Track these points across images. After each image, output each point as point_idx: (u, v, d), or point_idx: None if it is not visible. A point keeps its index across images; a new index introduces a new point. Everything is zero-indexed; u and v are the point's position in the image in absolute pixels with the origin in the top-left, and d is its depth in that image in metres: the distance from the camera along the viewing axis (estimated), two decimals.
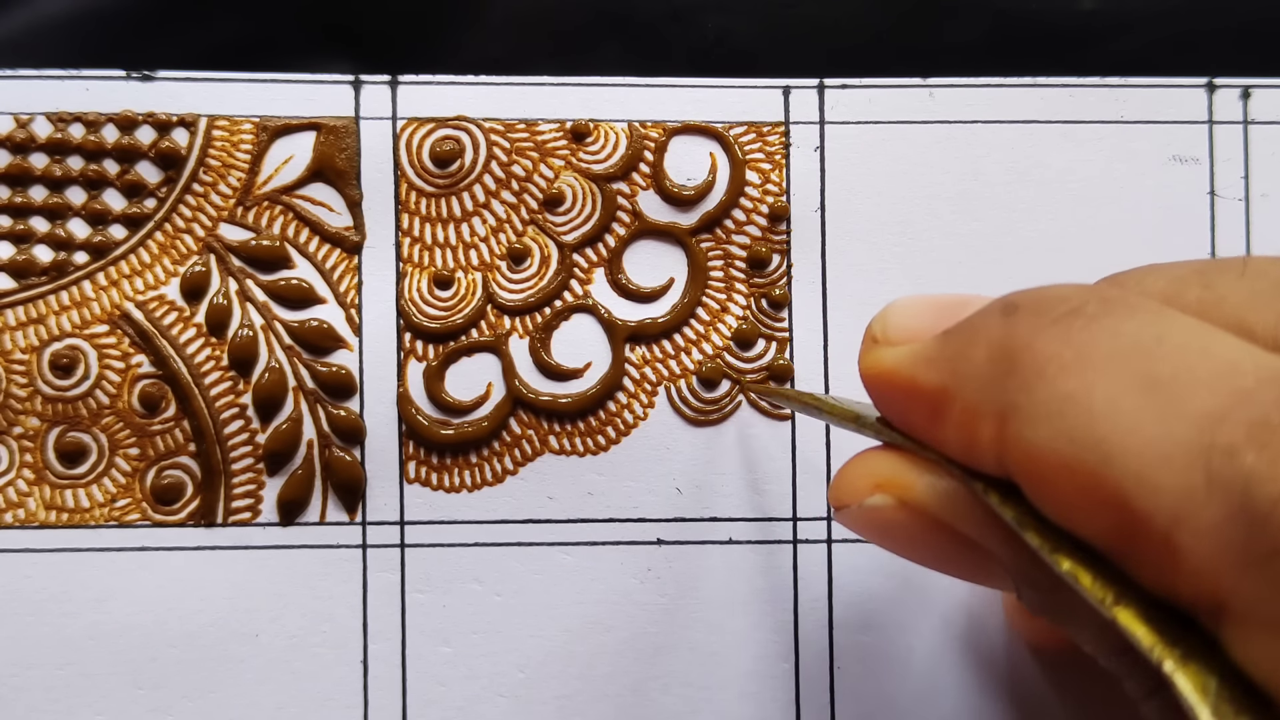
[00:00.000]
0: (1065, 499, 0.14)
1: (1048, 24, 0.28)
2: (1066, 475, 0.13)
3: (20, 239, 0.26)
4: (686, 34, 0.28)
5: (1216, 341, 0.13)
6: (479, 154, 0.27)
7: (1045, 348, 0.14)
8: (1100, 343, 0.14)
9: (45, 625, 0.26)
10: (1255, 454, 0.12)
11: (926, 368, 0.16)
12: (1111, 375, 0.13)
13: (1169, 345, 0.13)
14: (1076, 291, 0.15)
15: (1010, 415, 0.14)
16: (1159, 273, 0.16)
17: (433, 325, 0.27)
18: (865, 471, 0.17)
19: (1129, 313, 0.14)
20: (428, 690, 0.26)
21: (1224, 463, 0.12)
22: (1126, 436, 0.13)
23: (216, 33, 0.27)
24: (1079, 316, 0.14)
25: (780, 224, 0.27)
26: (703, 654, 0.26)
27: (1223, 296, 0.15)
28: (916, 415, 0.17)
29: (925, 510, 0.17)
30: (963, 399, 0.15)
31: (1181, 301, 0.15)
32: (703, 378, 0.27)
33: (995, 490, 0.15)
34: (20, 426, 0.26)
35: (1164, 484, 0.12)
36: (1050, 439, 0.14)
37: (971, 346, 0.15)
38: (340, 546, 0.26)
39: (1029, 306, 0.15)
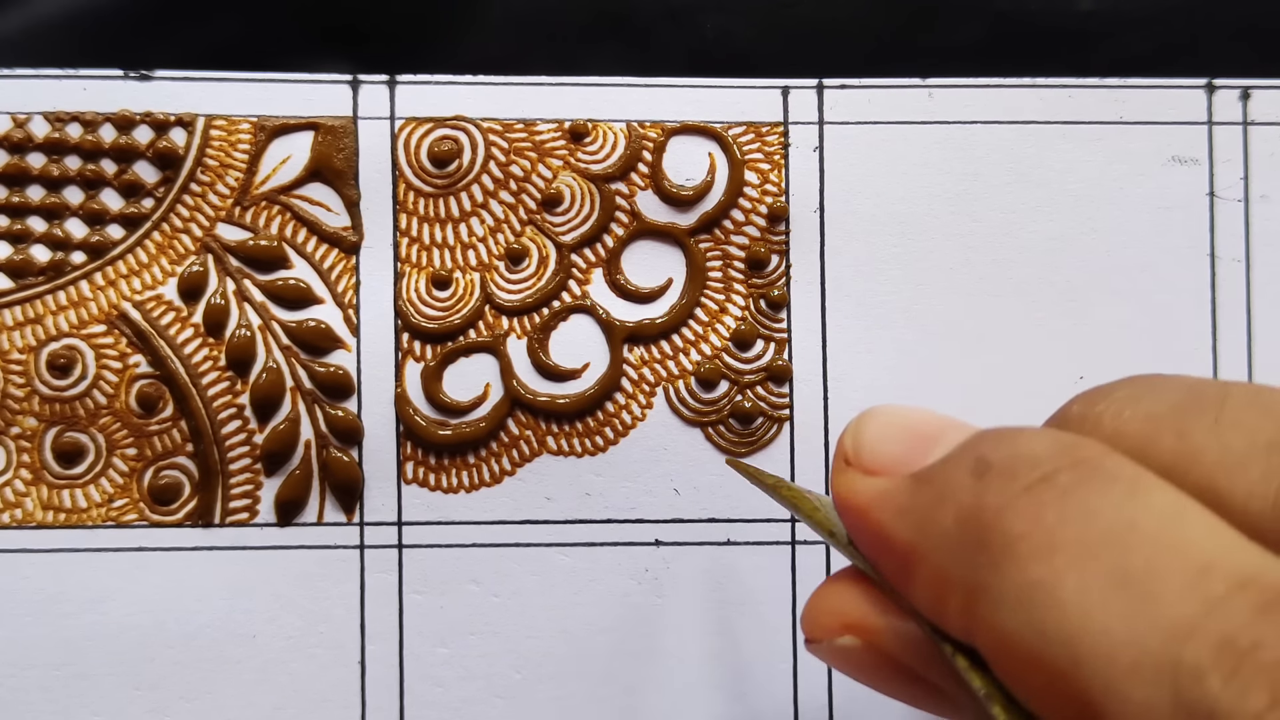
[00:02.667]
0: (1032, 688, 0.13)
1: (1047, 25, 0.28)
2: (1034, 667, 0.13)
3: (18, 239, 0.26)
4: (685, 34, 0.28)
5: (1190, 529, 0.13)
6: (477, 154, 0.27)
7: (1014, 525, 0.13)
8: (1072, 525, 0.13)
9: (43, 626, 0.26)
10: (1222, 681, 0.11)
11: (897, 519, 0.15)
12: (1082, 565, 0.13)
13: (1140, 534, 0.13)
14: (1050, 451, 0.14)
15: (979, 594, 0.14)
16: (1136, 406, 0.15)
17: (431, 325, 0.27)
18: (834, 609, 0.17)
19: (1102, 485, 0.13)
20: (425, 691, 0.26)
21: (1191, 686, 0.11)
22: (1095, 638, 0.12)
23: (214, 32, 0.27)
24: (1051, 487, 0.14)
25: (779, 224, 0.27)
26: (700, 655, 0.26)
27: (1197, 451, 0.14)
28: (887, 566, 0.16)
29: (893, 656, 0.17)
30: (931, 563, 0.15)
31: (1156, 451, 0.14)
32: (701, 378, 0.27)
33: (963, 655, 0.15)
34: (18, 426, 0.26)
35: (1131, 697, 0.12)
36: (1018, 628, 0.13)
37: (941, 506, 0.15)
38: (338, 547, 0.26)
39: (1000, 469, 0.14)
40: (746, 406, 0.27)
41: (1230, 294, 0.27)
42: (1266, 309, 0.27)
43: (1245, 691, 0.11)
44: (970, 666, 0.14)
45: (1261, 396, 0.14)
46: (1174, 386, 0.15)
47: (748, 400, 0.27)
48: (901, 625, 0.16)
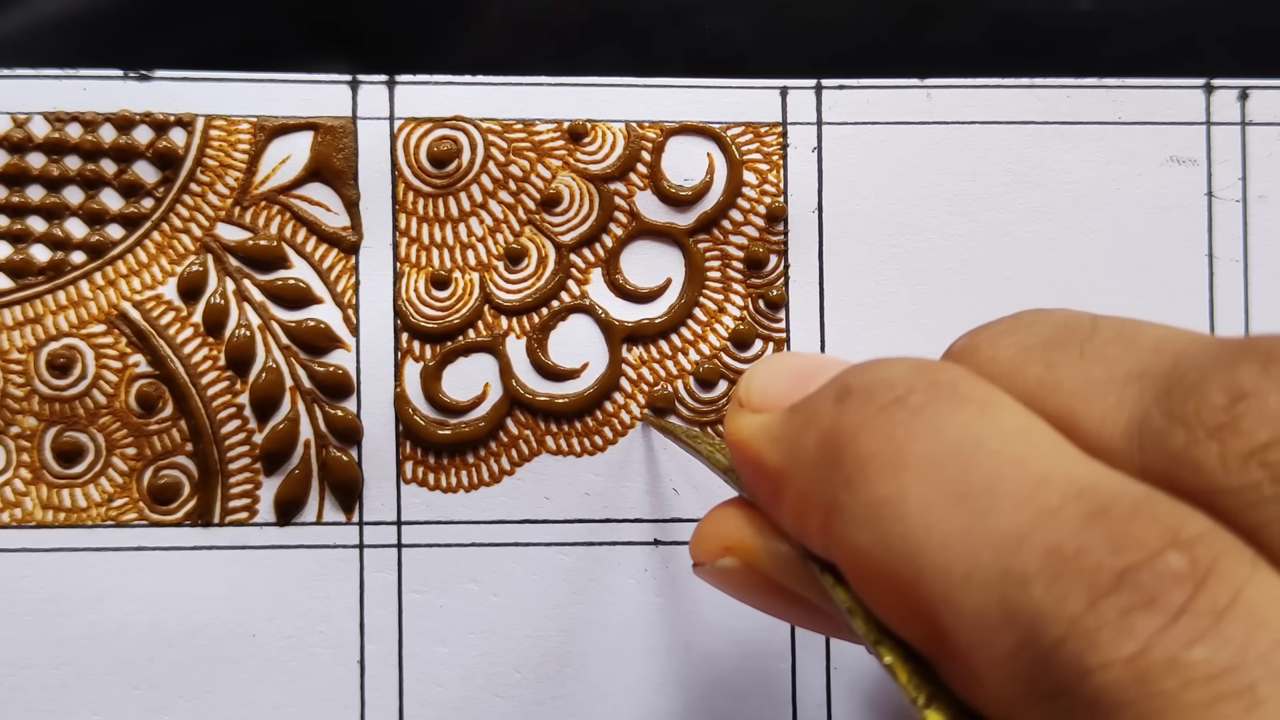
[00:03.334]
0: (882, 602, 0.14)
1: (1045, 25, 0.28)
2: (882, 581, 0.13)
3: (17, 238, 0.26)
4: (684, 34, 0.28)
5: (1034, 448, 0.13)
6: (476, 154, 0.27)
7: (867, 443, 0.14)
8: (919, 442, 0.14)
9: (42, 625, 0.26)
10: (1044, 587, 0.11)
11: (771, 446, 0.16)
12: (927, 481, 0.13)
13: (985, 451, 0.13)
14: (907, 375, 0.14)
15: (834, 511, 0.14)
16: (1012, 336, 0.15)
17: (430, 325, 0.27)
18: (715, 531, 0.18)
19: (953, 406, 0.14)
20: (424, 690, 0.26)
21: (1017, 593, 0.12)
22: (936, 551, 0.13)
23: (214, 32, 0.27)
24: (903, 407, 0.14)
25: (777, 224, 0.27)
26: (699, 654, 0.26)
27: (1059, 379, 0.14)
28: (761, 492, 0.17)
29: (769, 575, 0.17)
30: (796, 485, 0.15)
31: (1022, 379, 0.15)
32: (700, 378, 0.27)
33: (829, 572, 0.15)
34: (17, 426, 0.26)
35: (965, 606, 0.12)
36: (868, 544, 0.13)
37: (806, 431, 0.15)
38: (337, 546, 0.26)
39: (859, 392, 0.15)
40: None
41: (1228, 294, 0.27)
42: (1264, 309, 0.27)
43: (1065, 595, 0.11)
44: (835, 583, 0.15)
45: (1127, 329, 0.15)
46: (1051, 320, 0.16)
47: None
48: (776, 546, 0.17)
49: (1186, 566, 0.11)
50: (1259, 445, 0.12)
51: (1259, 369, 0.12)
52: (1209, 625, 0.11)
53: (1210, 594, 0.11)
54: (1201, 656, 0.11)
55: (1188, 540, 0.11)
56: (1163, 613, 0.11)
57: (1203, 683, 0.10)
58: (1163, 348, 0.14)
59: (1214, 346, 0.13)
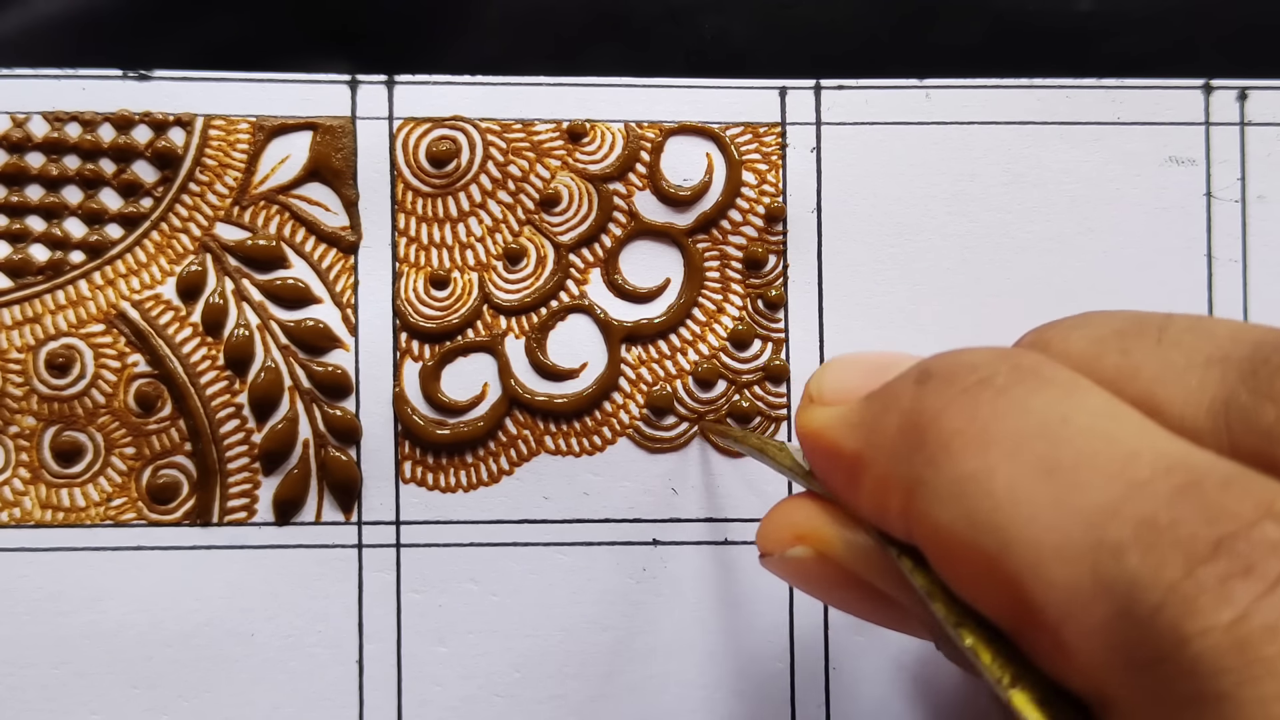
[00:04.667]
0: (966, 579, 0.14)
1: (1044, 25, 0.28)
2: (967, 557, 0.13)
3: (16, 238, 0.26)
4: (683, 34, 0.28)
5: (1121, 425, 0.13)
6: (475, 154, 0.27)
7: (951, 422, 0.14)
8: (1006, 420, 0.14)
9: (41, 624, 0.26)
10: (1140, 556, 0.12)
11: (848, 433, 0.16)
12: (1014, 457, 0.13)
13: (1073, 428, 0.13)
14: (989, 359, 0.15)
15: (916, 490, 0.14)
16: (1083, 329, 0.16)
17: (429, 325, 0.27)
18: (787, 521, 0.18)
19: (1038, 386, 0.14)
20: (423, 690, 0.26)
21: (1110, 563, 0.12)
22: (1024, 525, 0.13)
23: (213, 32, 0.27)
24: (987, 388, 0.14)
25: (776, 225, 0.27)
26: (698, 654, 0.26)
27: (1138, 366, 0.15)
28: (837, 478, 0.17)
29: (842, 564, 0.17)
30: (875, 468, 0.15)
31: (1099, 367, 0.15)
32: (699, 378, 0.27)
33: (908, 556, 0.15)
34: (16, 425, 0.26)
35: (1055, 578, 0.12)
36: (952, 520, 0.13)
37: (886, 415, 0.15)
38: (336, 546, 0.26)
39: (941, 375, 0.15)
40: (744, 406, 0.27)
41: (1227, 295, 0.27)
42: (1263, 310, 0.27)
43: (1161, 563, 0.11)
44: (914, 567, 0.15)
45: (1202, 323, 0.15)
46: (1121, 315, 0.16)
47: (745, 400, 0.27)
48: (851, 535, 0.17)
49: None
50: None
51: None
52: None
53: None
54: None
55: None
56: (1261, 580, 0.11)
57: None
58: (1239, 336, 0.14)
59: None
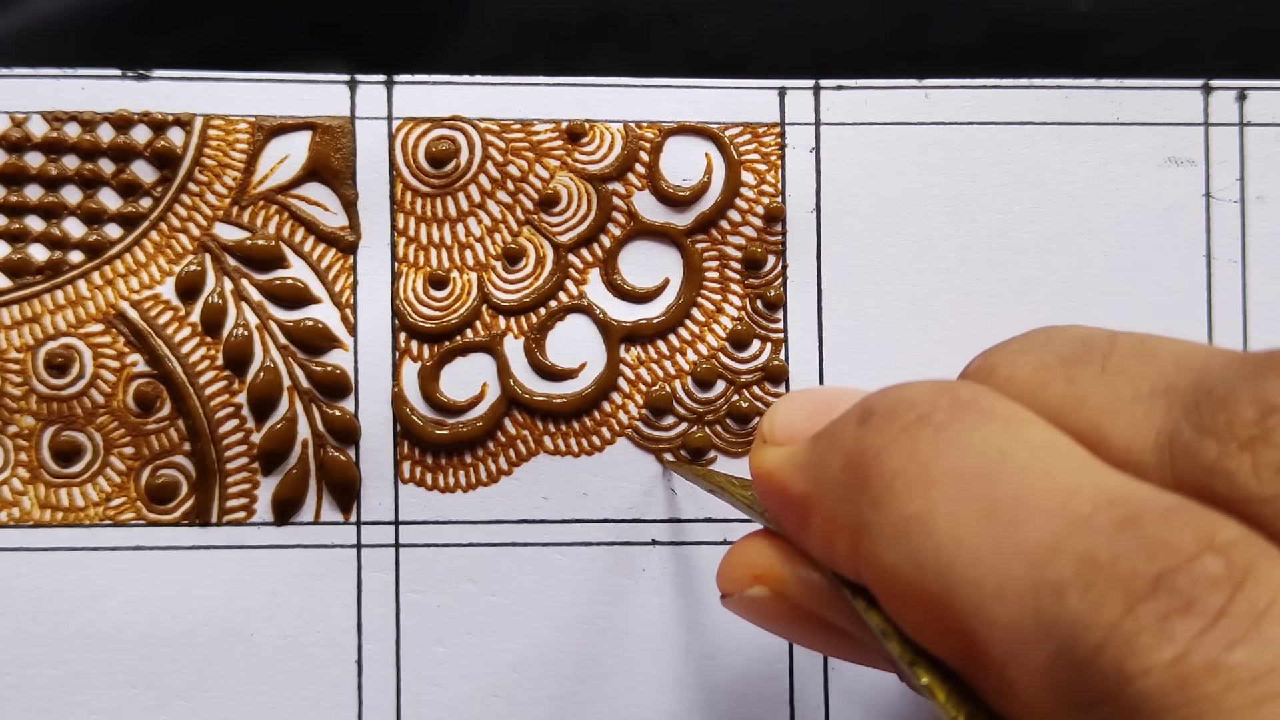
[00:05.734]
0: (914, 620, 0.14)
1: (1043, 25, 0.28)
2: (913, 598, 0.13)
3: (16, 238, 0.26)
4: (682, 35, 0.28)
5: (1061, 460, 0.13)
6: (474, 154, 0.27)
7: (892, 462, 0.14)
8: (945, 458, 0.14)
9: (40, 624, 0.26)
10: (1080, 594, 0.11)
11: (795, 474, 0.16)
12: (955, 496, 0.13)
13: (1011, 464, 0.13)
14: (928, 395, 0.15)
15: (862, 532, 0.14)
16: (1029, 355, 0.16)
17: (428, 325, 0.27)
18: (744, 561, 0.18)
19: (976, 421, 0.14)
20: (422, 690, 0.26)
21: (1051, 602, 0.12)
22: (966, 565, 0.13)
23: (212, 32, 0.27)
24: (926, 425, 0.14)
25: (776, 225, 0.27)
26: (697, 654, 0.26)
27: (1083, 396, 0.14)
28: (788, 520, 0.17)
29: (799, 603, 0.17)
30: (822, 509, 0.15)
31: (1044, 396, 0.15)
32: (698, 378, 0.27)
33: (861, 596, 0.15)
34: (15, 425, 0.26)
35: (999, 619, 0.12)
36: (897, 562, 0.13)
37: (830, 455, 0.15)
38: (335, 546, 0.26)
39: (881, 413, 0.15)
40: (743, 406, 0.27)
41: (1226, 295, 0.27)
42: (1262, 310, 0.27)
43: (1101, 602, 0.11)
44: (868, 607, 0.15)
45: (1147, 345, 0.15)
46: (1066, 337, 0.16)
47: (744, 400, 0.27)
48: (806, 573, 0.17)
49: (1223, 570, 0.11)
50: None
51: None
52: (1249, 627, 0.11)
53: (1248, 596, 0.11)
54: (1243, 659, 0.10)
55: (1223, 545, 0.11)
56: (1201, 616, 0.11)
57: (1245, 685, 0.10)
58: (1184, 362, 0.14)
59: (1236, 360, 0.13)
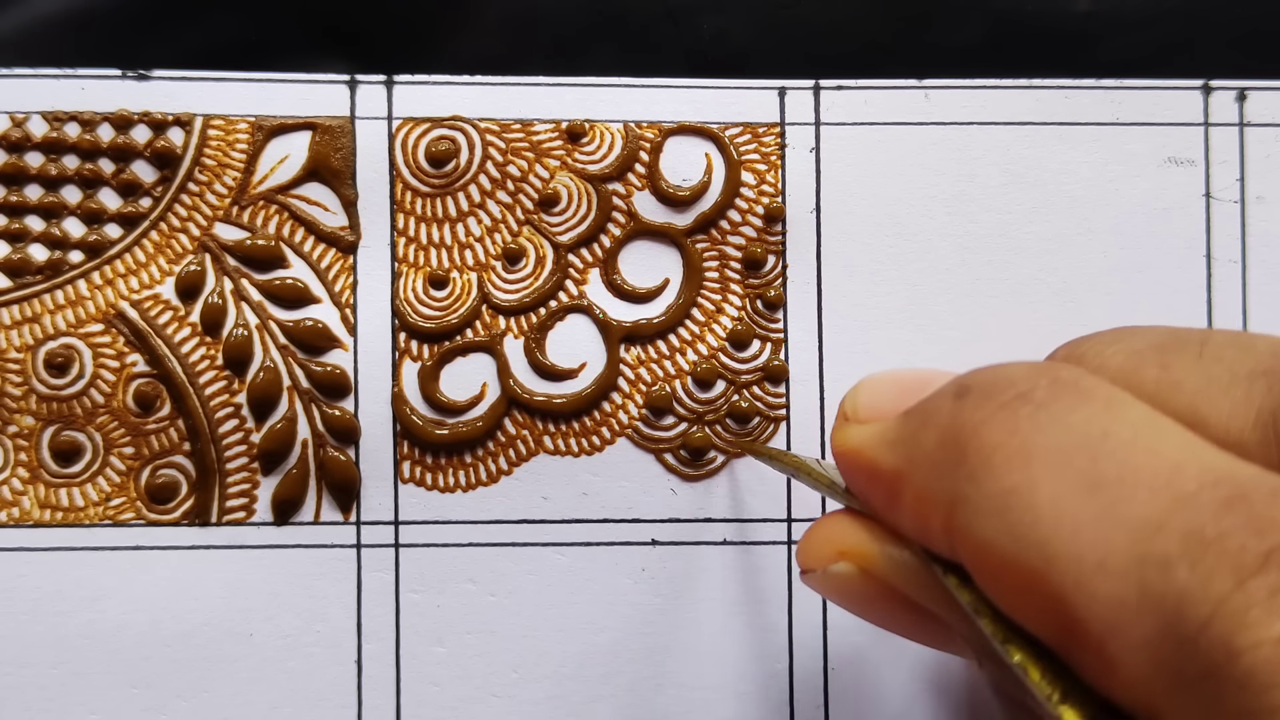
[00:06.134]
0: (1010, 594, 0.14)
1: (1043, 26, 0.28)
2: (1011, 572, 0.13)
3: (15, 238, 0.26)
4: (682, 35, 0.28)
5: (1164, 438, 0.13)
6: (474, 154, 0.27)
7: (991, 436, 0.14)
8: (1046, 434, 0.14)
9: (39, 624, 0.26)
10: (1188, 570, 0.11)
11: (886, 450, 0.16)
12: (1056, 471, 0.13)
13: (1115, 441, 0.13)
14: (1028, 374, 0.15)
15: (958, 505, 0.14)
16: (1119, 344, 0.16)
17: (428, 325, 0.27)
18: (830, 537, 0.18)
19: (1078, 401, 0.14)
20: (421, 690, 0.26)
21: (1157, 576, 0.12)
22: (1068, 539, 0.13)
23: (212, 32, 0.27)
24: (1027, 403, 0.14)
25: (775, 225, 0.27)
26: (697, 654, 0.26)
27: (1179, 380, 0.15)
28: (877, 496, 0.17)
29: (886, 581, 0.17)
30: (915, 484, 0.15)
31: (1138, 381, 0.15)
32: (698, 378, 0.27)
33: (953, 573, 0.15)
34: (15, 425, 0.26)
35: (1100, 593, 0.12)
36: (995, 535, 0.13)
37: (924, 430, 0.15)
38: (335, 546, 0.26)
39: (979, 390, 0.15)
40: (743, 406, 0.27)
41: (1226, 295, 0.27)
42: (1262, 310, 0.27)
43: (1210, 576, 0.11)
44: (960, 584, 0.15)
45: (1243, 338, 0.15)
46: (1156, 330, 0.16)
47: (744, 400, 0.27)
48: (894, 551, 0.17)
49: None
50: None
51: None
52: None
53: None
54: None
55: None
56: None
57: None
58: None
59: None
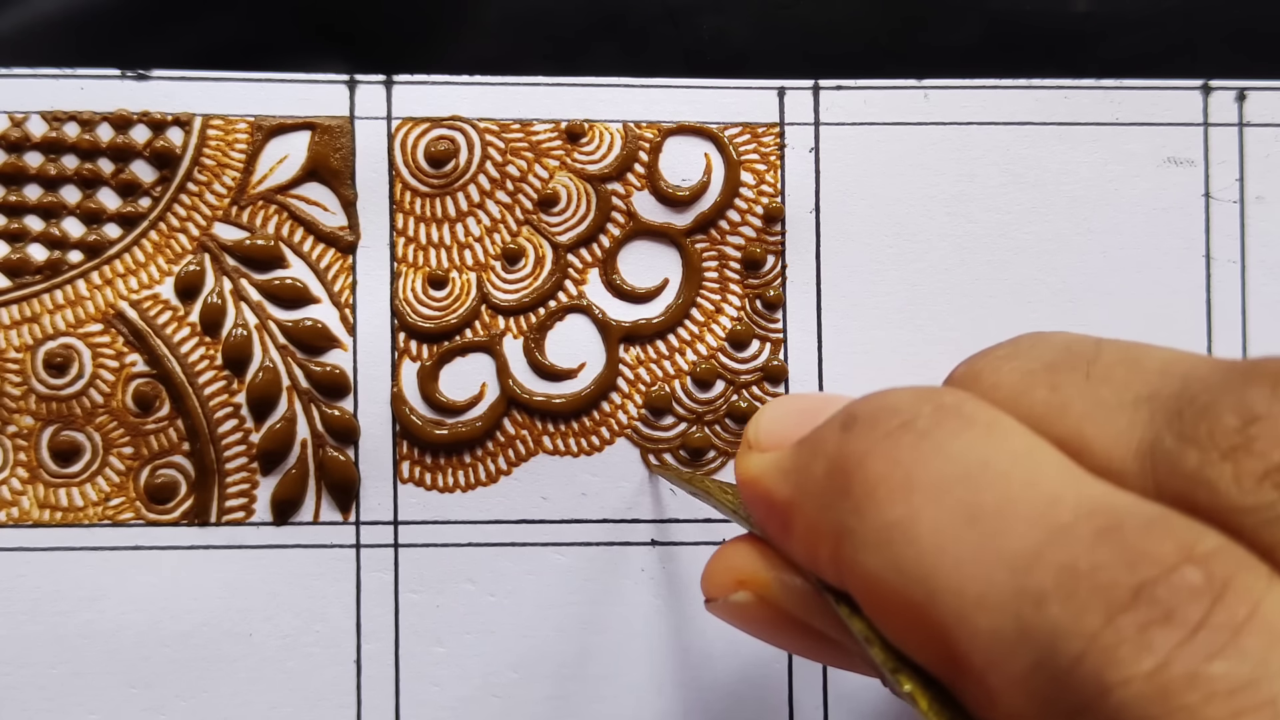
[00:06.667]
0: (896, 626, 0.14)
1: (1043, 26, 0.28)
2: (895, 605, 0.13)
3: (15, 238, 0.26)
4: (682, 34, 0.28)
5: (1042, 469, 0.13)
6: (474, 154, 0.27)
7: (875, 468, 0.14)
8: (928, 465, 0.14)
9: (39, 624, 0.26)
10: (1060, 604, 0.11)
11: (780, 479, 0.16)
12: (937, 502, 0.13)
13: (993, 471, 0.13)
14: (911, 401, 0.15)
15: (844, 537, 0.14)
16: (1014, 361, 0.16)
17: (427, 325, 0.27)
18: (729, 566, 0.18)
19: (959, 428, 0.14)
20: (421, 690, 0.26)
21: (1032, 611, 0.12)
22: (949, 573, 0.13)
23: (212, 32, 0.27)
24: (909, 431, 0.14)
25: (775, 225, 0.27)
26: (696, 655, 0.26)
27: (1066, 403, 0.14)
28: (772, 525, 0.17)
29: (783, 609, 0.17)
30: (805, 515, 0.15)
31: (1028, 403, 0.15)
32: (697, 378, 0.27)
33: (844, 602, 0.15)
34: (14, 425, 0.26)
35: (980, 627, 0.12)
36: (879, 568, 0.13)
37: (814, 461, 0.15)
38: (334, 546, 0.26)
39: (864, 419, 0.15)
40: (742, 406, 0.27)
41: (1225, 296, 0.27)
42: (1261, 310, 0.27)
43: (1082, 612, 0.11)
44: (851, 613, 0.15)
45: (1132, 352, 0.15)
46: (1051, 344, 0.16)
47: (744, 400, 0.27)
48: (789, 579, 0.17)
49: (1203, 581, 0.11)
50: (1273, 466, 0.12)
51: (1269, 392, 0.12)
52: (1228, 639, 0.11)
53: (1228, 608, 0.11)
54: (1222, 670, 0.10)
55: (1203, 555, 0.11)
56: (1181, 627, 0.11)
57: (1224, 696, 0.10)
58: (1169, 370, 0.14)
59: (1220, 368, 0.13)
